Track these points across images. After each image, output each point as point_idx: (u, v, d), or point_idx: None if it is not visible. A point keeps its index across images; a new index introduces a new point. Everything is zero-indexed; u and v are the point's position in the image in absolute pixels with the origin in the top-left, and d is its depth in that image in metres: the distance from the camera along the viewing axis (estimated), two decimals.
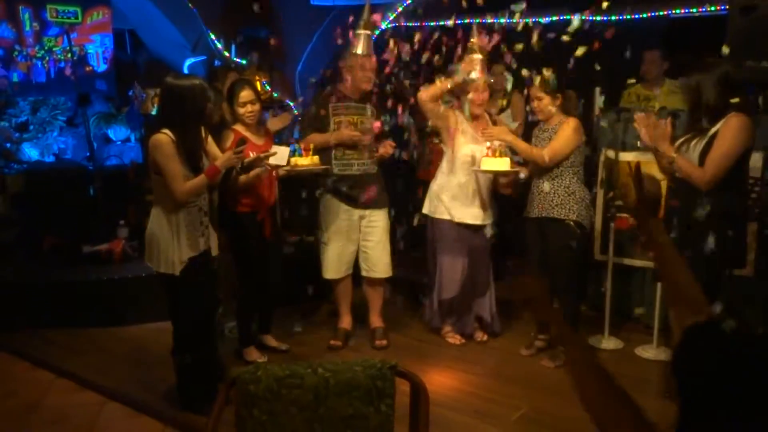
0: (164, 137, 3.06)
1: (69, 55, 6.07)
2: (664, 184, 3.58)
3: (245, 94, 3.80)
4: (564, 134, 3.77)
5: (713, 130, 3.07)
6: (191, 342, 3.34)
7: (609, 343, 4.24)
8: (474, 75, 3.93)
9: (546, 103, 3.83)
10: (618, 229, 4.18)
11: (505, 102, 5.15)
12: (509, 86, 4.95)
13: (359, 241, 4.26)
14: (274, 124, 4.37)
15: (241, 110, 3.82)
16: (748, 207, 3.52)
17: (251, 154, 3.52)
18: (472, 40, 3.97)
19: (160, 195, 3.19)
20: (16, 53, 5.93)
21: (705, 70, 3.10)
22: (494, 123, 4.15)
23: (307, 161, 3.90)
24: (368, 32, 4.12)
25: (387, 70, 4.20)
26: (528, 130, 4.34)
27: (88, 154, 5.78)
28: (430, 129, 4.34)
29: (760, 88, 4.00)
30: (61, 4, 6.14)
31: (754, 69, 3.84)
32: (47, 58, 6.14)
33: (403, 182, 5.30)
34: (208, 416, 1.97)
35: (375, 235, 4.24)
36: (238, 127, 3.87)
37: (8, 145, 5.89)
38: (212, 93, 3.64)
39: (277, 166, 3.76)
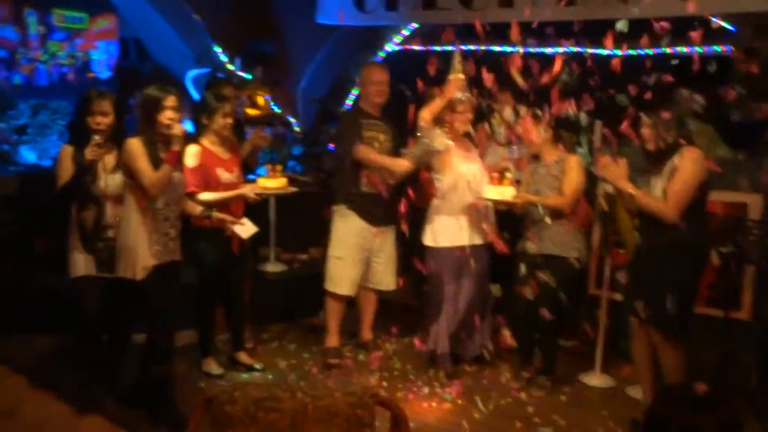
0: (133, 140, 3.24)
1: (72, 61, 6.06)
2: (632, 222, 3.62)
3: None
4: (573, 173, 3.83)
5: (670, 165, 3.16)
6: (165, 352, 3.39)
7: (599, 380, 4.16)
8: (459, 95, 4.01)
9: (535, 136, 3.85)
10: (614, 264, 4.12)
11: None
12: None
13: (369, 258, 4.33)
14: (248, 143, 4.30)
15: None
16: (707, 239, 3.47)
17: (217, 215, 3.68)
18: (456, 63, 4.06)
19: (129, 200, 3.27)
20: (19, 56, 5.90)
21: (667, 108, 3.23)
22: (476, 146, 4.21)
23: (275, 183, 3.93)
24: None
25: None
26: None
27: None
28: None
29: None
30: (67, 10, 6.14)
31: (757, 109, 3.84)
32: (51, 63, 6.12)
33: None
34: None
35: (386, 251, 4.36)
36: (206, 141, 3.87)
37: (5, 146, 5.84)
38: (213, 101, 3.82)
39: (237, 236, 3.86)
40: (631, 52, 6.18)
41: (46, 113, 6.21)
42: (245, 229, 3.88)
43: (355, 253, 4.26)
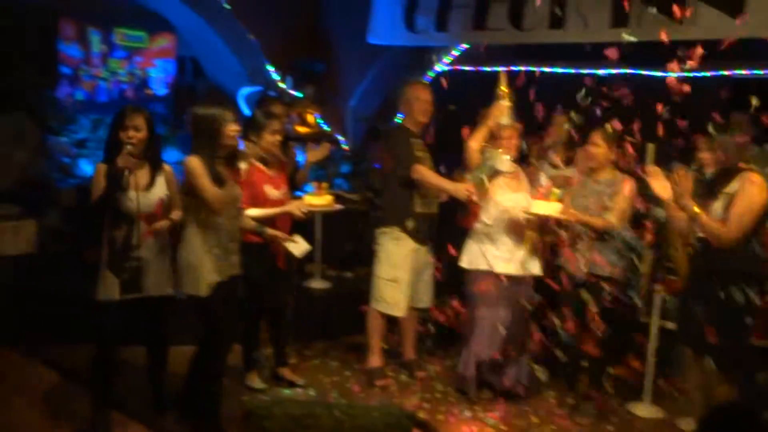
0: (193, 159, 3.24)
1: (132, 78, 6.28)
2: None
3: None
4: (626, 195, 3.79)
5: (729, 190, 3.08)
6: (220, 368, 3.38)
7: (648, 410, 4.03)
8: (505, 120, 3.97)
9: (602, 152, 3.80)
10: (666, 291, 3.99)
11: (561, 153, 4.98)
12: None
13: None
14: (313, 155, 4.39)
15: None
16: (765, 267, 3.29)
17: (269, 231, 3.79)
18: (501, 87, 4.01)
19: (190, 218, 3.30)
20: (82, 72, 6.14)
21: (726, 131, 3.16)
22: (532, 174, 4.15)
23: (321, 201, 3.89)
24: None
25: None
26: None
27: None
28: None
29: None
30: (128, 29, 6.37)
31: None
32: (111, 80, 6.35)
33: None
34: None
35: (429, 267, 4.32)
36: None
37: (66, 159, 6.07)
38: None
39: (290, 253, 3.90)
40: (687, 74, 6.05)
41: (105, 128, 6.43)
42: (298, 246, 3.91)
43: (408, 276, 4.19)
